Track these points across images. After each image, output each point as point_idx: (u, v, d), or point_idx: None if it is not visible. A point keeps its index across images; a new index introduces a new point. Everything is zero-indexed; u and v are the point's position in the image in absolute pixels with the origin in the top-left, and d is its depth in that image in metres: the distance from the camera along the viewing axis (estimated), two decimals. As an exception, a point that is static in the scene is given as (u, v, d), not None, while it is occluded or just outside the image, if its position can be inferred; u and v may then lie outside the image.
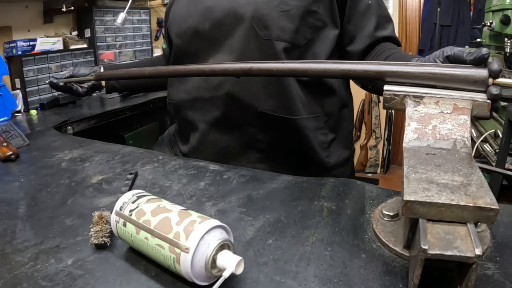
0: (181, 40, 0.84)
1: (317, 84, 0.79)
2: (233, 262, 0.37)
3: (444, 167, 0.41)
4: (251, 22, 0.74)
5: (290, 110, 0.77)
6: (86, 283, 0.42)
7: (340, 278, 0.41)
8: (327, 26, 0.78)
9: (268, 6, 0.73)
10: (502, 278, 0.39)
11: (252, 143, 0.82)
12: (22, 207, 0.60)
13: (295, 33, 0.74)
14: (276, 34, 0.74)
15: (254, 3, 0.74)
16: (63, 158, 0.80)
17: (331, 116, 0.83)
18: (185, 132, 0.91)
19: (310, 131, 0.79)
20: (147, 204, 0.45)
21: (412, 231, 0.41)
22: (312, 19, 0.75)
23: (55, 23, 1.59)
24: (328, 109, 0.82)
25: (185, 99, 0.86)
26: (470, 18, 2.44)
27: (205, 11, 0.78)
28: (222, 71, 0.70)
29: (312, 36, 0.77)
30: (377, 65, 0.54)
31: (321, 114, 0.81)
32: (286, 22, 0.74)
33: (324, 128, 0.82)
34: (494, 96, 0.46)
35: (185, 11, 0.83)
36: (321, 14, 0.76)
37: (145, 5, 2.04)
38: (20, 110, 1.28)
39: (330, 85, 0.81)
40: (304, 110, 0.78)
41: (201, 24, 0.79)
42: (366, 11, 0.79)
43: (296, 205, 0.56)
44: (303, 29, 0.75)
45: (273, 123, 0.79)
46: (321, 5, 0.75)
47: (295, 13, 0.73)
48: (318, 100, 0.81)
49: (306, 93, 0.79)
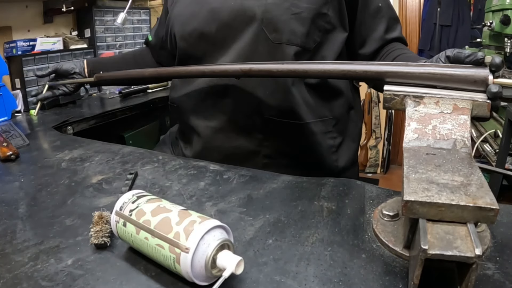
0: (186, 43, 0.81)
1: (324, 86, 0.78)
2: (233, 262, 0.37)
3: (444, 167, 0.41)
4: (260, 25, 0.72)
5: (296, 115, 0.76)
6: (86, 283, 0.42)
7: (340, 278, 0.41)
8: (336, 29, 0.76)
9: (278, 8, 0.71)
10: (502, 278, 0.39)
11: (259, 149, 0.80)
12: (22, 207, 0.60)
13: (306, 36, 0.72)
14: (287, 38, 0.72)
15: (263, 5, 0.71)
16: (63, 158, 0.80)
17: (340, 119, 0.81)
18: (188, 136, 0.90)
19: (318, 136, 0.78)
20: (147, 204, 0.45)
21: (412, 231, 0.41)
22: (322, 21, 0.74)
23: (55, 23, 1.59)
24: (336, 112, 0.80)
25: (187, 103, 0.84)
26: (470, 18, 2.44)
27: (211, 12, 0.76)
28: (222, 72, 0.70)
29: (321, 39, 0.75)
30: (377, 65, 0.54)
31: (330, 118, 0.79)
32: (297, 25, 0.72)
33: (332, 131, 0.80)
34: (493, 95, 0.46)
35: (189, 12, 0.80)
36: (330, 16, 0.74)
37: (145, 5, 2.04)
38: (20, 110, 1.28)
39: (337, 87, 0.80)
40: (311, 114, 0.76)
41: (207, 26, 0.76)
42: (377, 13, 0.78)
43: (296, 205, 0.56)
44: (314, 32, 0.73)
45: (279, 129, 0.77)
46: (331, 7, 0.74)
47: (306, 16, 0.71)
48: (326, 103, 0.79)
49: (314, 97, 0.77)
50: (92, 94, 1.58)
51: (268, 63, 0.65)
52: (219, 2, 0.75)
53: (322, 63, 0.60)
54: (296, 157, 0.81)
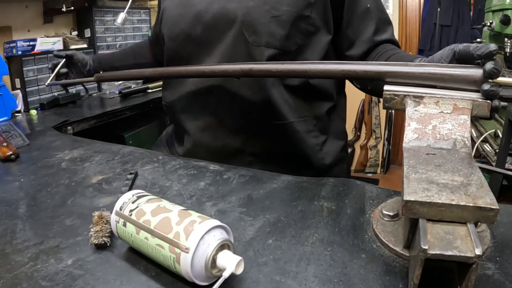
0: (174, 43, 0.84)
1: (304, 88, 0.78)
2: (233, 262, 0.37)
3: (444, 167, 0.41)
4: (240, 27, 0.73)
5: (278, 115, 0.76)
6: (86, 283, 0.42)
7: (340, 278, 0.41)
8: (320, 31, 0.76)
9: (258, 11, 0.72)
10: (502, 278, 0.39)
11: (244, 148, 0.82)
12: (22, 207, 0.60)
13: (285, 39, 0.73)
14: (266, 40, 0.72)
15: (245, 8, 0.72)
16: (63, 158, 0.80)
17: (320, 118, 0.82)
18: (180, 134, 0.92)
19: (301, 135, 0.79)
20: (147, 204, 0.45)
21: (412, 231, 0.41)
22: (304, 24, 0.73)
23: (55, 23, 1.59)
24: (316, 112, 0.81)
25: (178, 102, 0.86)
26: (470, 18, 2.44)
27: (197, 15, 0.77)
28: (222, 72, 0.70)
29: (303, 41, 0.75)
30: (377, 65, 0.54)
31: (310, 117, 0.80)
32: (276, 27, 0.72)
33: (314, 130, 0.81)
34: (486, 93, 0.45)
35: (177, 14, 0.82)
36: (314, 19, 0.74)
37: (145, 5, 2.04)
38: (20, 110, 1.28)
39: (318, 88, 0.80)
40: (293, 114, 0.77)
41: (193, 29, 0.78)
42: (365, 15, 0.77)
43: (296, 205, 0.56)
44: (294, 35, 0.73)
45: (263, 128, 0.78)
46: (314, 9, 0.73)
47: (286, 19, 0.71)
48: (306, 104, 0.80)
49: (294, 97, 0.78)
50: (92, 94, 1.59)
51: (268, 63, 0.65)
52: (204, 5, 0.77)
53: (322, 63, 0.60)
54: (282, 155, 0.82)
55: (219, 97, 0.79)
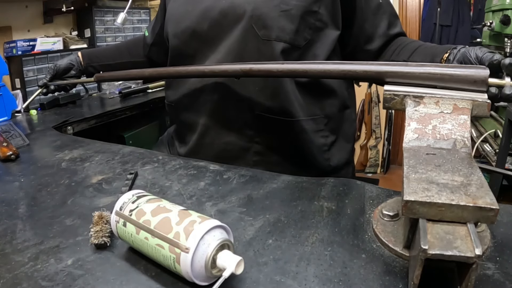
0: (179, 41, 0.83)
1: (315, 85, 0.78)
2: (233, 262, 0.37)
3: (444, 167, 0.41)
4: (249, 22, 0.73)
5: (287, 112, 0.76)
6: (86, 283, 0.42)
7: (340, 278, 0.41)
8: (328, 27, 0.77)
9: (267, 5, 0.72)
10: (502, 278, 0.39)
11: (249, 146, 0.81)
12: (22, 207, 0.60)
13: (295, 33, 0.73)
14: (276, 34, 0.72)
15: (253, 2, 0.72)
16: (63, 158, 0.80)
17: (331, 118, 0.81)
18: (182, 133, 0.91)
19: (309, 134, 0.78)
20: (147, 204, 0.45)
21: (412, 231, 0.41)
22: (313, 19, 0.74)
23: (55, 23, 1.59)
24: (328, 111, 0.81)
25: (182, 100, 0.86)
26: (470, 18, 2.44)
27: (203, 11, 0.77)
28: (222, 72, 0.70)
29: (312, 36, 0.75)
30: (377, 65, 0.54)
31: (321, 116, 0.80)
32: (286, 22, 0.72)
33: (324, 130, 0.80)
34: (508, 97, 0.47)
35: (182, 11, 0.82)
36: (322, 14, 0.75)
37: (145, 5, 2.05)
38: (20, 110, 1.28)
39: (330, 86, 0.80)
40: (302, 112, 0.77)
41: (199, 25, 0.78)
42: (378, 10, 0.79)
43: (296, 205, 0.56)
44: (303, 30, 0.74)
45: (270, 125, 0.78)
46: (322, 5, 0.74)
47: (295, 13, 0.72)
48: (317, 102, 0.79)
49: (304, 95, 0.77)
50: (92, 94, 1.58)
51: (268, 63, 0.65)
52: (211, 0, 0.77)
53: (322, 63, 0.61)
54: (287, 154, 0.82)
55: (224, 94, 0.78)
